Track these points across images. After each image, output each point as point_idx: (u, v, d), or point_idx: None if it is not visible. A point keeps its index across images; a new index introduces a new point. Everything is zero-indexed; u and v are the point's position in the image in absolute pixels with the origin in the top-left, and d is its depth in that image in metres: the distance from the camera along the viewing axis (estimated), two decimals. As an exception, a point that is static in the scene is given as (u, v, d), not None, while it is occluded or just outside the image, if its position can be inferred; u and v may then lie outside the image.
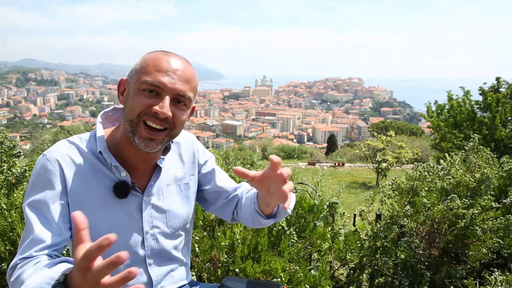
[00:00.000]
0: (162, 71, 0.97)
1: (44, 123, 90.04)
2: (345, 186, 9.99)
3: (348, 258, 2.37)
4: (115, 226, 1.04)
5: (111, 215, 1.03)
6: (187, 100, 1.01)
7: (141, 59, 1.02)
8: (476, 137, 2.57)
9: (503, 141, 9.49)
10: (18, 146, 2.32)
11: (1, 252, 1.69)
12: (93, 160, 1.03)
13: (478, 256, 2.18)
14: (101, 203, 1.02)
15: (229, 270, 1.86)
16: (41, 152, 1.34)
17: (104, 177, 1.03)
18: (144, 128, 0.98)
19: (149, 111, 0.96)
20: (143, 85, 0.96)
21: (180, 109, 1.00)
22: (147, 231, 1.09)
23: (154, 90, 0.96)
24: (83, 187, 1.01)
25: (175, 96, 0.98)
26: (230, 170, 3.49)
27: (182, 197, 1.19)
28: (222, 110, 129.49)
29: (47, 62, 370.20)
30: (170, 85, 0.96)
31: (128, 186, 1.04)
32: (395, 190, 2.46)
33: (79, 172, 1.01)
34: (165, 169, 1.15)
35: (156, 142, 1.00)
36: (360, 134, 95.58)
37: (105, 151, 1.03)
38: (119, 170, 1.04)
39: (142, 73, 0.98)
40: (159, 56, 0.99)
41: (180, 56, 1.03)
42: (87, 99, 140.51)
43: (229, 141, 59.24)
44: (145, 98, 0.96)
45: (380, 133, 12.50)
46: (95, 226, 1.00)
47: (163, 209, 1.13)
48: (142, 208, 1.08)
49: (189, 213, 1.21)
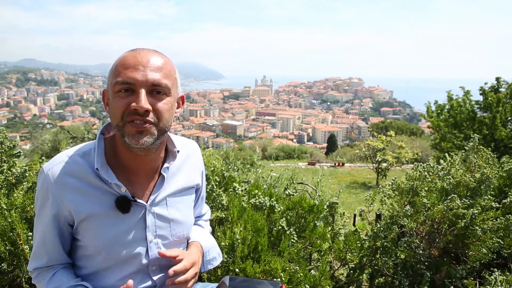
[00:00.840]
0: (130, 67, 0.95)
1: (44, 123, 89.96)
2: (345, 186, 9.99)
3: (348, 258, 2.37)
4: (120, 237, 1.04)
5: (115, 227, 1.04)
6: (165, 88, 0.98)
7: (112, 64, 1.01)
8: (476, 137, 2.57)
9: (503, 141, 9.49)
10: (18, 146, 2.31)
11: (1, 252, 1.69)
12: (91, 177, 1.03)
13: (478, 256, 2.18)
14: (104, 217, 1.03)
15: (229, 270, 1.86)
16: (41, 152, 1.34)
17: (104, 192, 1.03)
18: (131, 125, 0.96)
19: (129, 110, 0.95)
20: (116, 87, 0.96)
21: (159, 99, 0.98)
22: (151, 240, 1.09)
23: (128, 89, 0.95)
24: (85, 203, 1.01)
25: (150, 87, 0.96)
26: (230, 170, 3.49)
27: (186, 206, 1.19)
28: (222, 110, 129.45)
29: (47, 62, 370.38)
30: (141, 78, 0.95)
31: (129, 201, 1.04)
32: (395, 190, 2.45)
33: (80, 190, 1.01)
34: (171, 178, 1.14)
35: (146, 134, 0.97)
36: (360, 134, 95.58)
37: (102, 167, 1.02)
38: (118, 186, 1.03)
39: (113, 76, 0.97)
40: (125, 55, 0.99)
41: (149, 49, 1.01)
42: (87, 99, 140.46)
43: (229, 141, 59.23)
44: (121, 99, 0.96)
45: (380, 133, 12.50)
46: (100, 238, 1.03)
47: (168, 218, 1.13)
48: (146, 218, 1.08)
49: (192, 221, 1.22)
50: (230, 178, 2.55)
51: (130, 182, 1.06)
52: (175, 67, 1.04)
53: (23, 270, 1.75)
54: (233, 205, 2.15)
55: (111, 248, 1.04)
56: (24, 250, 1.70)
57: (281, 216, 2.25)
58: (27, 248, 1.70)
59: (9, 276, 1.75)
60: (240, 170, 4.83)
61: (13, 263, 1.75)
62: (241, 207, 2.13)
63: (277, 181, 3.65)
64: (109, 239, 1.03)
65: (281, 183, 3.62)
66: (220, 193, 2.32)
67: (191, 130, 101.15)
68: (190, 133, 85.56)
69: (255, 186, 2.41)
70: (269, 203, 2.22)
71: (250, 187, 2.42)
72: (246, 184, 2.96)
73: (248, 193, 2.38)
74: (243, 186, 2.63)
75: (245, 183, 3.03)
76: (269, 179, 3.48)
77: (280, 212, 2.26)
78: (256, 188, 2.37)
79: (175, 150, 1.13)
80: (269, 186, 2.91)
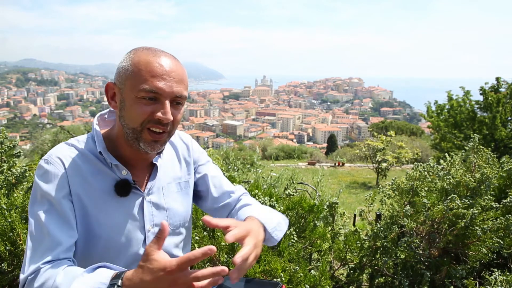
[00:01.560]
0: (157, 76, 0.96)
1: (44, 123, 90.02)
2: (345, 186, 9.99)
3: (348, 258, 2.38)
4: (118, 225, 1.04)
5: (114, 215, 1.04)
6: (183, 99, 1.03)
7: (129, 62, 0.99)
8: (476, 137, 2.57)
9: (503, 141, 9.49)
10: (18, 146, 2.31)
11: (1, 252, 1.69)
12: (93, 160, 1.04)
13: (478, 256, 2.18)
14: (103, 203, 1.02)
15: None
16: (41, 152, 1.34)
17: (105, 176, 1.04)
18: (149, 133, 0.99)
19: (152, 118, 0.97)
20: (141, 93, 0.96)
21: (178, 109, 1.02)
22: (148, 230, 1.09)
23: (153, 97, 0.97)
24: (85, 188, 1.01)
25: (173, 99, 0.99)
26: (230, 170, 3.49)
27: (182, 195, 1.20)
28: (222, 110, 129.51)
29: (47, 62, 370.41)
30: (168, 90, 0.97)
31: (129, 184, 1.05)
32: (395, 190, 2.46)
33: (80, 173, 1.01)
34: (165, 167, 1.16)
35: (160, 143, 1.03)
36: (360, 134, 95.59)
37: (105, 151, 1.04)
38: (119, 169, 1.04)
39: (136, 80, 0.96)
40: (150, 60, 0.97)
41: (168, 54, 1.02)
42: (87, 99, 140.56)
43: (229, 141, 59.24)
44: (145, 106, 0.97)
45: (380, 133, 12.50)
46: (98, 226, 1.02)
47: (164, 207, 1.13)
48: (143, 206, 1.09)
49: (188, 211, 1.22)
50: (230, 178, 2.55)
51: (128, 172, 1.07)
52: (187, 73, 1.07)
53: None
54: (233, 205, 2.15)
55: (110, 235, 1.03)
56: (24, 250, 1.70)
57: (281, 216, 2.25)
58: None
59: (9, 276, 1.75)
60: (240, 170, 4.84)
61: (13, 263, 1.75)
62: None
63: (277, 181, 3.65)
64: (108, 226, 1.02)
65: (281, 183, 3.62)
66: (220, 193, 2.32)
67: (191, 130, 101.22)
68: (190, 133, 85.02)
69: (255, 186, 2.41)
70: (269, 203, 2.22)
71: (250, 187, 2.42)
72: (246, 184, 2.96)
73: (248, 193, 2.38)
74: (243, 186, 2.63)
75: (245, 183, 3.03)
76: (269, 179, 3.48)
77: (280, 212, 2.25)
78: (256, 188, 2.37)
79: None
80: (269, 186, 2.91)
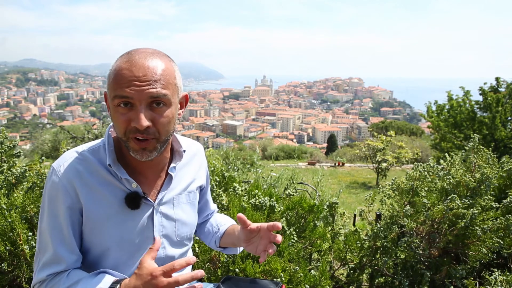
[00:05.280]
0: (126, 82, 0.92)
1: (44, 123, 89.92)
2: (345, 186, 9.98)
3: (348, 258, 2.38)
4: (127, 235, 1.04)
5: (123, 225, 1.03)
6: (164, 99, 0.95)
7: (110, 70, 0.97)
8: (476, 137, 2.57)
9: (503, 141, 9.48)
10: (18, 146, 2.31)
11: (1, 252, 1.69)
12: (103, 172, 1.02)
13: (478, 256, 2.18)
14: (113, 214, 1.02)
15: (229, 270, 1.86)
16: (41, 152, 1.34)
17: (115, 188, 1.03)
18: (134, 142, 0.95)
19: (131, 128, 0.94)
20: (115, 101, 0.93)
21: (159, 112, 0.95)
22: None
23: (127, 102, 0.93)
24: (95, 200, 1.01)
25: (148, 101, 0.93)
26: (230, 170, 3.49)
27: (190, 206, 1.19)
28: (222, 110, 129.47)
29: (47, 62, 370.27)
30: (138, 94, 0.91)
31: (139, 197, 1.04)
32: (395, 190, 2.46)
33: (90, 186, 1.01)
34: (177, 177, 1.14)
35: (149, 150, 0.97)
36: (360, 134, 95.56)
37: (114, 163, 1.02)
38: (129, 182, 1.03)
39: (111, 89, 0.95)
40: (120, 66, 0.94)
41: (146, 53, 0.96)
42: (87, 99, 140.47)
43: (229, 141, 59.21)
44: (121, 114, 0.94)
45: (380, 133, 12.49)
46: (108, 236, 1.02)
47: (173, 218, 1.12)
48: (153, 217, 1.08)
49: (195, 222, 1.22)
50: (230, 178, 2.55)
51: (139, 182, 1.06)
52: (174, 68, 1.00)
53: (23, 270, 1.74)
54: (233, 205, 2.15)
55: (119, 247, 1.03)
56: (24, 250, 1.70)
57: (281, 216, 2.25)
58: (27, 248, 1.70)
59: (9, 276, 1.75)
60: (240, 170, 4.83)
61: (13, 263, 1.75)
62: (241, 207, 2.13)
63: (277, 181, 3.65)
64: (118, 237, 1.02)
65: (281, 183, 3.62)
66: (220, 193, 2.33)
67: (191, 130, 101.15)
68: (190, 133, 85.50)
69: (255, 186, 2.41)
70: (269, 203, 2.22)
71: (250, 187, 2.42)
72: (246, 184, 2.96)
73: (248, 193, 2.39)
74: (243, 186, 2.63)
75: (245, 183, 3.03)
76: (269, 179, 3.48)
77: (280, 212, 2.26)
78: (256, 188, 2.37)
79: (182, 150, 1.13)
80: (269, 186, 2.91)
